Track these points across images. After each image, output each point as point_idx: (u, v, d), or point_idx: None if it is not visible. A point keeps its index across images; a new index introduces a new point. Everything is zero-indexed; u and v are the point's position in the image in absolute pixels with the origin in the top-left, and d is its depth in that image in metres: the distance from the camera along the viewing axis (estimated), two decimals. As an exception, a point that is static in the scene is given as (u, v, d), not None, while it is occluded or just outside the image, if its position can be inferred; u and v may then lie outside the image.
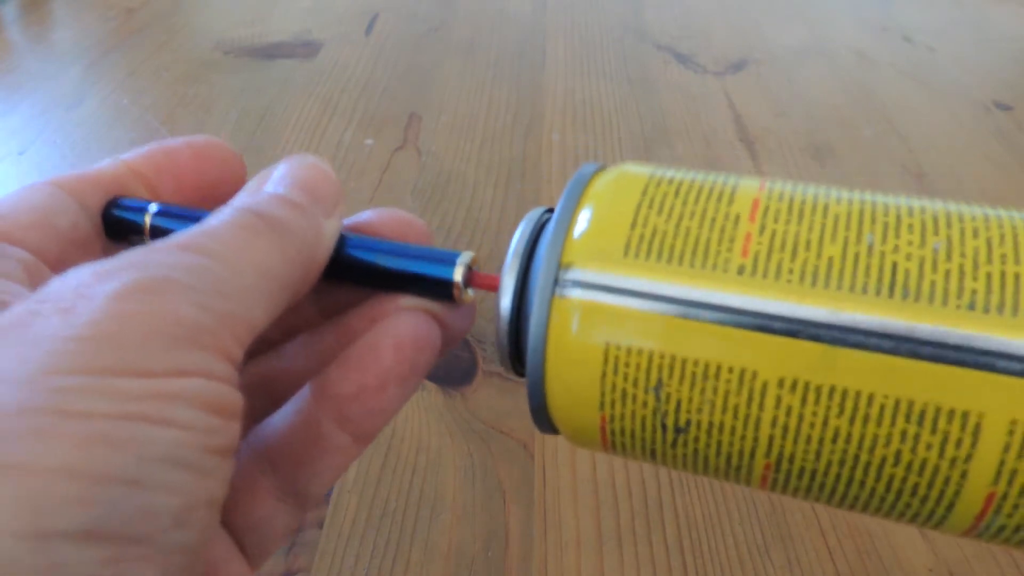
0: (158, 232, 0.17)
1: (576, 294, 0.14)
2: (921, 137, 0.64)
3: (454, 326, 0.17)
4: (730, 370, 0.14)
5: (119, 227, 0.18)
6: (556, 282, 0.15)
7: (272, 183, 0.16)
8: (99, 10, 0.76)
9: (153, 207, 0.18)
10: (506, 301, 0.16)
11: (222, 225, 0.14)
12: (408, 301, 0.17)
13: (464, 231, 0.50)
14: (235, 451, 0.13)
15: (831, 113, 0.67)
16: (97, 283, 0.13)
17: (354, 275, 0.17)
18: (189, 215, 0.17)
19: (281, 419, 0.17)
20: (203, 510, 0.12)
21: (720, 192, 0.15)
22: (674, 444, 0.15)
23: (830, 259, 0.13)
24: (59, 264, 0.17)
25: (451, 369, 0.40)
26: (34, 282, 0.15)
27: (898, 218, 0.14)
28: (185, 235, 0.14)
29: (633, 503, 0.35)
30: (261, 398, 0.18)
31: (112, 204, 0.18)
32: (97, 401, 0.11)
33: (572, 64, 0.71)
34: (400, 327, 0.16)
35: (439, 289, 0.17)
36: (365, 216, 0.18)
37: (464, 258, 0.17)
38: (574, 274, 0.15)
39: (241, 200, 0.16)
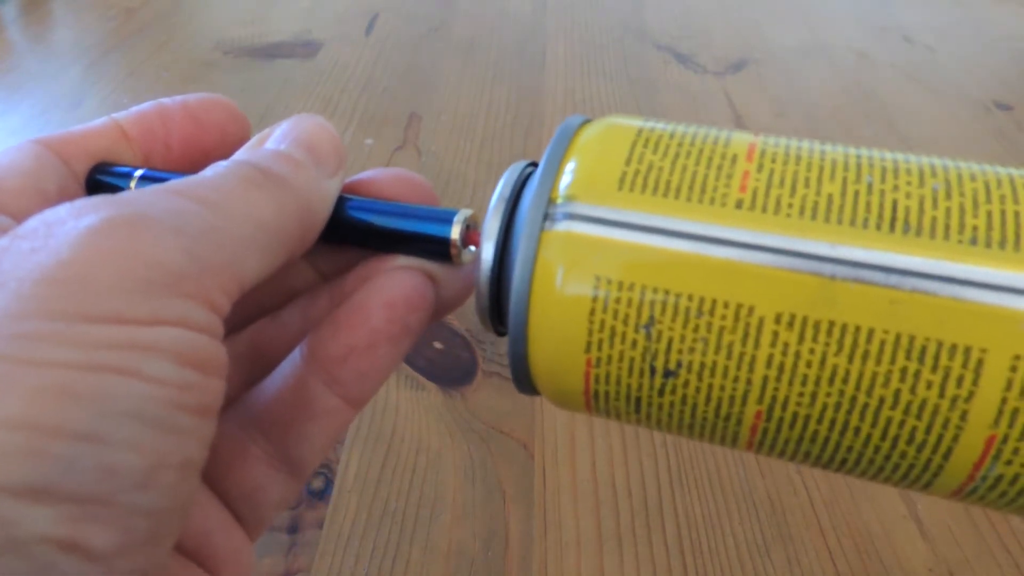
0: None
1: (566, 227, 0.14)
2: (921, 137, 0.64)
3: (451, 287, 0.17)
4: (725, 305, 0.13)
5: (102, 193, 0.17)
6: (546, 216, 0.14)
7: (273, 140, 0.16)
8: (99, 10, 0.76)
9: (138, 173, 0.17)
10: (488, 247, 0.15)
11: (219, 175, 0.14)
12: (403, 261, 0.16)
13: (464, 231, 0.50)
14: (216, 411, 0.13)
15: (831, 113, 0.67)
16: (71, 219, 0.12)
17: (353, 236, 0.16)
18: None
19: (271, 383, 0.16)
20: (172, 472, 0.11)
21: (715, 137, 0.15)
22: (662, 391, 0.14)
23: (829, 195, 0.13)
24: None
25: (451, 369, 0.40)
26: None
27: (895, 163, 0.14)
28: (178, 181, 0.14)
29: (633, 503, 0.35)
30: (258, 364, 0.18)
31: (96, 169, 0.17)
32: (59, 349, 0.11)
33: (572, 64, 0.71)
34: (391, 286, 0.16)
35: (436, 248, 0.16)
36: (368, 174, 0.18)
37: (462, 216, 0.16)
38: (566, 207, 0.14)
39: (241, 154, 0.15)
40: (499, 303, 0.16)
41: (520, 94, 0.66)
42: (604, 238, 0.14)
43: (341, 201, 0.16)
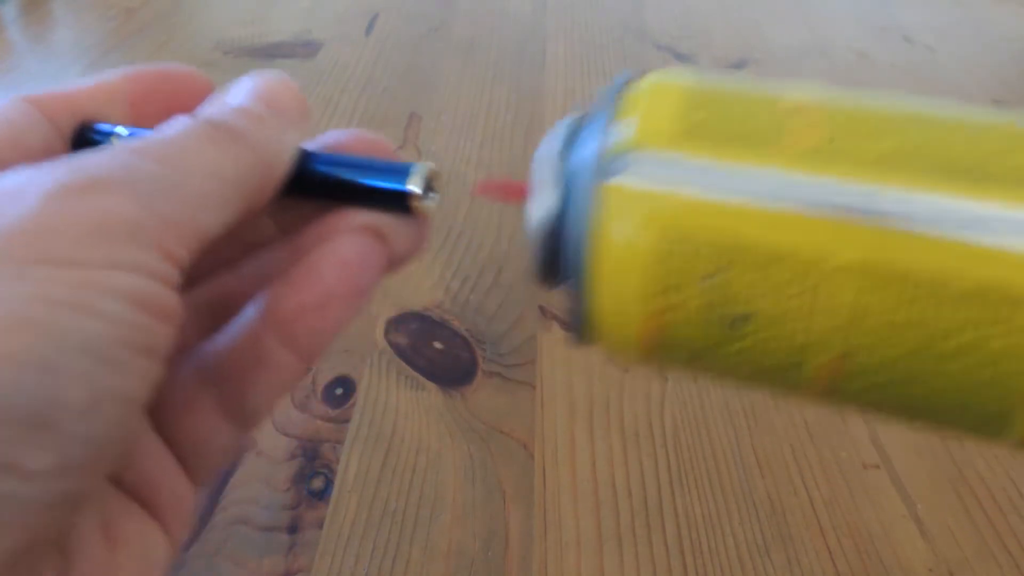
0: None
1: (629, 177, 0.14)
2: (921, 137, 0.64)
3: (405, 242, 0.17)
4: (795, 254, 0.13)
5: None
6: (608, 166, 0.14)
7: (233, 95, 0.16)
8: (99, 10, 0.76)
9: (122, 130, 0.17)
10: (547, 197, 0.15)
11: (177, 132, 0.14)
12: (360, 217, 0.16)
13: (464, 231, 0.50)
14: (163, 354, 0.13)
15: (831, 113, 0.67)
16: (31, 182, 0.12)
17: (313, 190, 0.17)
18: None
19: (226, 336, 0.17)
20: (113, 406, 0.12)
21: (774, 88, 0.14)
22: (729, 340, 0.14)
23: (901, 145, 0.13)
24: None
25: (451, 369, 0.40)
26: None
27: (961, 116, 0.13)
28: (137, 139, 0.14)
29: (633, 503, 0.35)
30: (217, 315, 0.18)
31: (83, 128, 0.17)
32: (15, 284, 0.11)
33: (572, 64, 0.71)
34: (345, 246, 0.16)
35: (396, 200, 0.16)
36: (329, 136, 0.18)
37: (421, 168, 0.16)
38: (628, 157, 0.14)
39: (201, 111, 0.15)
40: (554, 255, 0.15)
41: (520, 94, 0.66)
42: (668, 188, 0.13)
43: (302, 156, 0.17)
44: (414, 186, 0.16)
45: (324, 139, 0.18)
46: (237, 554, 0.32)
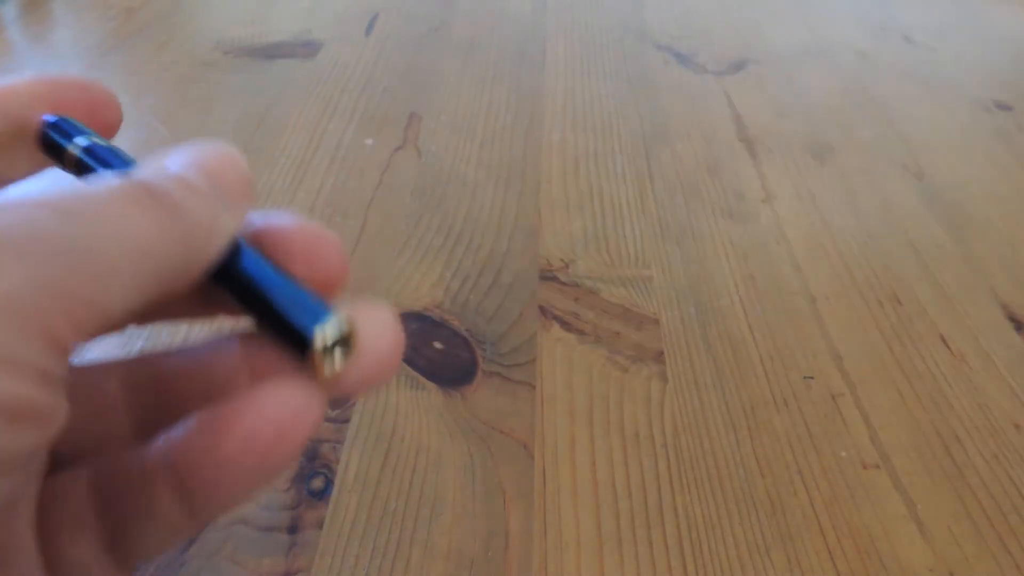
0: (83, 168, 0.16)
1: None
2: (921, 137, 0.64)
3: (345, 385, 0.15)
4: None
5: (51, 150, 0.16)
6: None
7: (173, 160, 0.15)
8: (99, 10, 0.76)
9: (81, 141, 0.16)
10: None
11: (103, 189, 0.13)
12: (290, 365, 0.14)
13: (464, 231, 0.50)
14: (25, 466, 0.11)
15: (831, 113, 0.67)
16: None
17: (231, 288, 0.15)
18: (118, 160, 0.16)
19: (120, 463, 0.14)
20: None
21: None
22: None
23: None
24: None
25: (451, 369, 0.40)
26: None
27: None
28: (56, 191, 0.12)
29: (633, 503, 0.35)
30: (159, 397, 0.16)
31: (52, 124, 0.16)
32: None
33: (572, 64, 0.71)
34: (266, 408, 0.13)
35: (295, 343, 0.14)
36: (282, 222, 0.16)
37: (335, 321, 0.14)
38: None
39: (137, 173, 0.14)
40: None
41: (520, 94, 0.66)
42: None
43: (235, 244, 0.15)
44: (318, 338, 0.14)
45: (271, 220, 0.16)
46: (237, 554, 0.32)
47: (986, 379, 0.42)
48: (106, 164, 0.16)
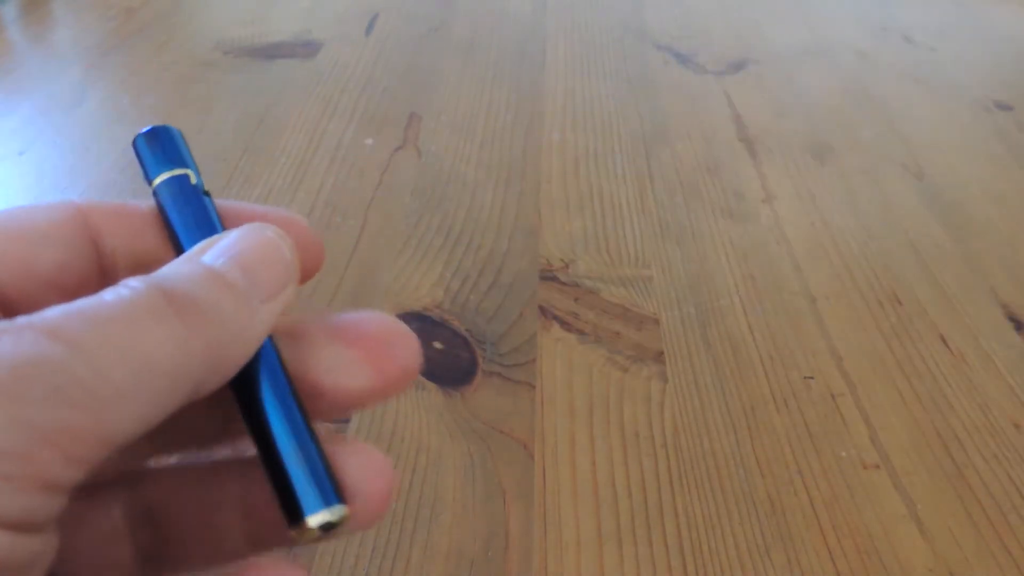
0: (160, 203, 0.15)
1: None
2: (921, 137, 0.64)
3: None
4: None
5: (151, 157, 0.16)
6: None
7: (212, 252, 0.14)
8: (99, 10, 0.76)
9: (164, 174, 0.15)
10: None
11: (114, 303, 0.12)
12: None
13: (464, 231, 0.50)
14: None
15: (831, 113, 0.67)
16: None
17: (244, 397, 0.14)
18: (191, 208, 0.15)
19: None
20: None
21: None
22: None
23: None
24: (26, 305, 0.14)
25: (451, 369, 0.40)
26: None
27: None
28: (60, 312, 0.11)
29: (633, 503, 0.35)
30: (154, 527, 0.15)
31: (158, 134, 0.16)
32: None
33: (572, 64, 0.71)
34: None
35: (287, 505, 0.14)
36: (347, 319, 0.15)
37: (334, 510, 0.14)
38: None
39: (163, 271, 0.13)
40: None
41: (520, 94, 0.66)
42: None
43: (270, 344, 0.14)
44: (311, 521, 0.13)
45: (344, 319, 0.15)
46: (237, 554, 0.32)
47: (986, 379, 0.42)
48: (178, 207, 0.15)
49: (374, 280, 0.45)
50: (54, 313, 0.11)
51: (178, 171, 0.16)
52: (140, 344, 0.11)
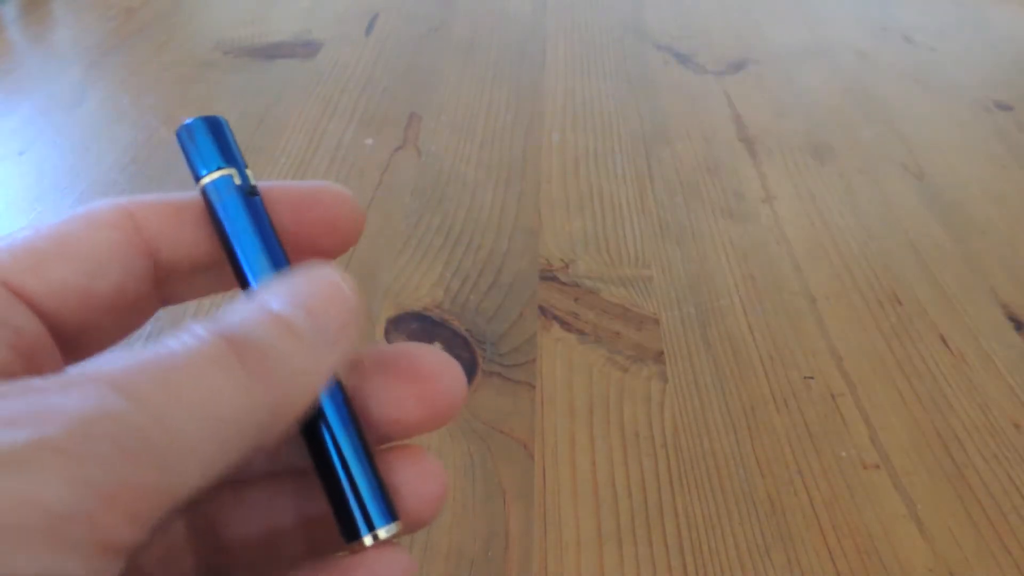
0: (209, 198, 0.15)
1: None
2: (921, 137, 0.64)
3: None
4: None
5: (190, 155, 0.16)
6: None
7: (277, 296, 0.14)
8: (99, 10, 0.76)
9: (217, 175, 0.15)
10: None
11: (179, 353, 0.12)
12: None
13: (464, 231, 0.50)
14: None
15: (831, 113, 0.67)
16: None
17: (309, 449, 0.14)
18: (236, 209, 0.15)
19: None
20: None
21: None
22: None
23: None
24: (82, 330, 0.14)
25: (451, 369, 0.40)
26: (27, 366, 0.13)
27: None
28: (125, 362, 0.11)
29: (633, 503, 0.35)
30: (218, 549, 0.15)
31: (206, 125, 0.16)
32: None
33: (572, 64, 0.71)
34: None
35: (344, 524, 0.14)
36: (403, 348, 0.16)
37: (389, 528, 0.14)
38: None
39: (227, 317, 0.13)
40: None
41: (520, 94, 0.66)
42: None
43: (335, 388, 0.14)
44: (367, 540, 0.14)
45: (396, 350, 0.15)
46: (237, 554, 0.32)
47: (986, 379, 0.42)
48: (226, 209, 0.15)
49: (374, 280, 0.45)
50: (118, 363, 0.11)
51: (225, 171, 0.16)
52: (206, 396, 0.11)
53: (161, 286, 0.15)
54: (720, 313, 0.45)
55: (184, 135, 0.16)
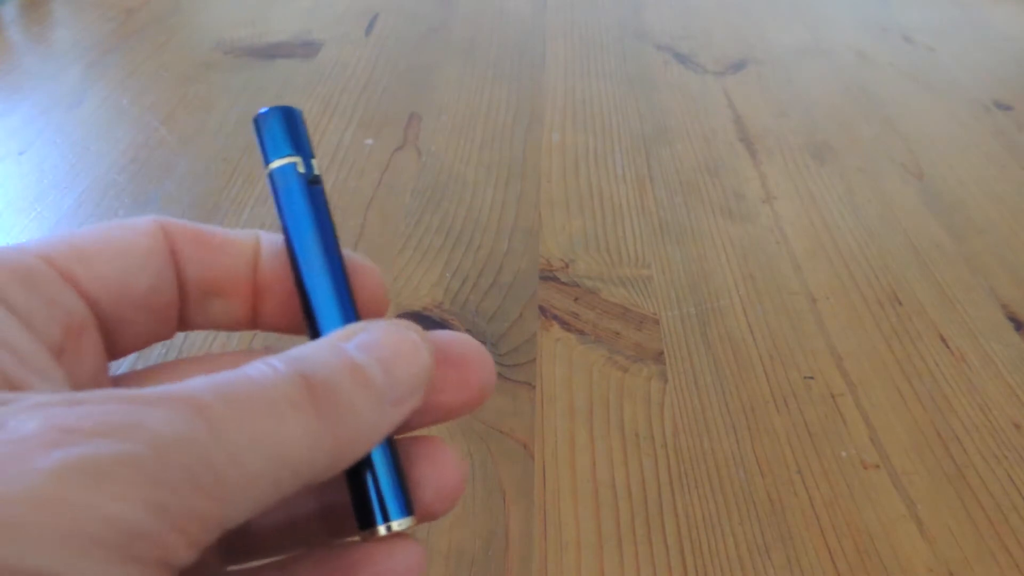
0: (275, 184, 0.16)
1: None
2: (921, 137, 0.64)
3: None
4: None
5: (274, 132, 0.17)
6: None
7: (357, 345, 0.14)
8: (99, 10, 0.76)
9: (282, 163, 0.16)
10: None
11: (258, 384, 0.12)
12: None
13: (464, 231, 0.50)
14: None
15: (831, 113, 0.67)
16: (43, 451, 0.10)
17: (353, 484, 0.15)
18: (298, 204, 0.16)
19: None
20: None
21: None
22: None
23: None
24: (117, 325, 0.15)
25: (451, 369, 0.40)
26: (68, 347, 0.14)
27: None
28: (206, 386, 0.12)
29: (633, 503, 0.35)
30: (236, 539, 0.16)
31: (281, 115, 0.17)
32: None
33: (572, 64, 0.71)
34: None
35: (362, 513, 0.15)
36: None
37: (403, 522, 0.15)
38: None
39: (306, 353, 0.13)
40: None
41: (520, 94, 0.66)
42: None
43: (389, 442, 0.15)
44: (381, 529, 0.15)
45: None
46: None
47: (986, 379, 0.42)
48: (287, 196, 0.16)
49: (374, 280, 0.45)
50: (200, 385, 0.12)
51: (290, 159, 0.17)
52: (275, 435, 0.12)
53: (181, 306, 0.16)
54: (720, 313, 0.45)
55: (259, 123, 0.17)
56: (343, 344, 0.14)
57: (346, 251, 0.17)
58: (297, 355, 0.13)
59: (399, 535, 0.15)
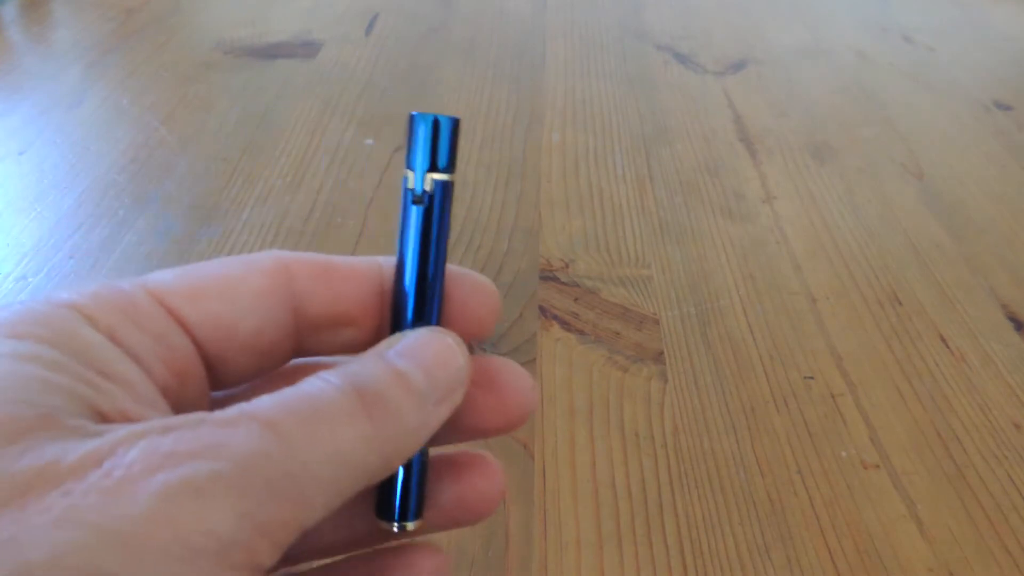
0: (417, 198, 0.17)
1: None
2: (921, 137, 0.64)
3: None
4: None
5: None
6: None
7: (398, 352, 0.15)
8: (99, 10, 0.76)
9: (406, 180, 0.17)
10: None
11: (318, 398, 0.13)
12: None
13: (464, 231, 0.50)
14: None
15: (831, 113, 0.67)
16: (149, 473, 0.11)
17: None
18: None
19: None
20: None
21: None
22: None
23: None
24: (222, 363, 0.16)
25: (451, 369, 0.40)
26: (173, 382, 0.15)
27: None
28: (273, 403, 0.13)
29: (633, 503, 0.35)
30: None
31: (429, 121, 0.17)
32: None
33: (572, 64, 0.71)
34: None
35: (383, 511, 0.17)
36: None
37: (416, 524, 0.17)
38: None
39: (355, 367, 0.14)
40: None
41: (520, 94, 0.66)
42: None
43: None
44: (395, 527, 0.16)
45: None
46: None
47: (986, 379, 0.42)
48: (402, 206, 0.17)
49: (374, 280, 0.45)
50: (269, 404, 0.13)
51: (406, 172, 0.17)
52: (338, 442, 0.13)
53: (302, 338, 0.17)
54: (720, 313, 0.45)
55: (409, 128, 0.18)
56: (387, 353, 0.15)
57: (460, 269, 0.17)
58: (348, 369, 0.14)
59: (429, 545, 0.17)
